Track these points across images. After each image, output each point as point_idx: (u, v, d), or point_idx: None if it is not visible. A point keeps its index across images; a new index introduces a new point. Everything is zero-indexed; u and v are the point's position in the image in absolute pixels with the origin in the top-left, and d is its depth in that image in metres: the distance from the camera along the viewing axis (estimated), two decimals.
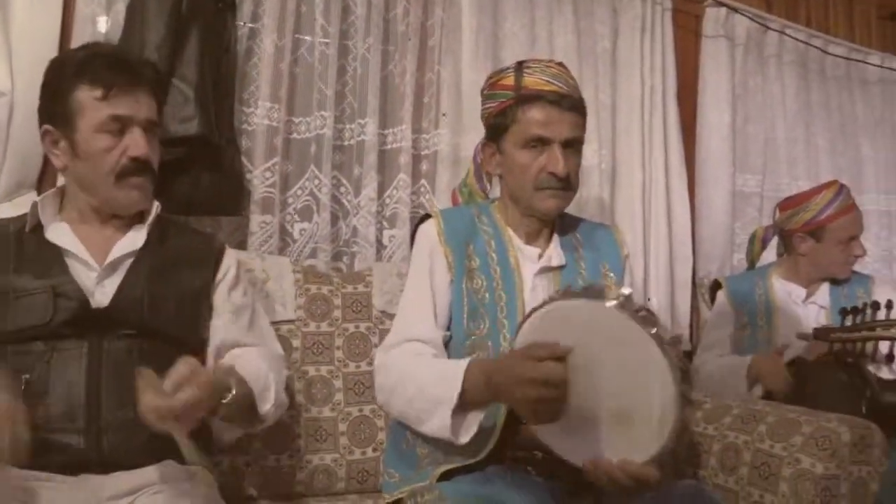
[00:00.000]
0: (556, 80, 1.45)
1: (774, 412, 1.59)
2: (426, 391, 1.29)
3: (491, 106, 1.50)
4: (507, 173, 1.50)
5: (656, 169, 2.41)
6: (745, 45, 2.66)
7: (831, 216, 2.12)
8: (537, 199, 1.46)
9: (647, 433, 1.08)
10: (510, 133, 1.46)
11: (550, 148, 1.43)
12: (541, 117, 1.43)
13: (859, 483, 1.43)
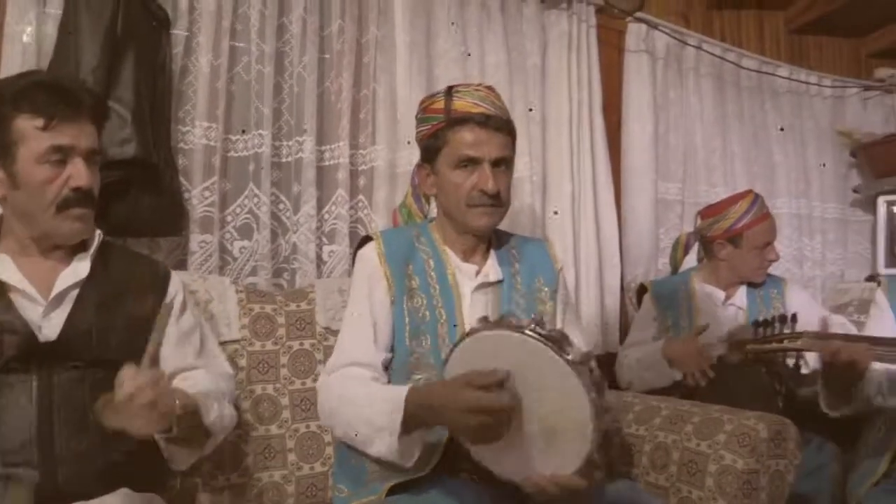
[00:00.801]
0: (484, 103, 1.52)
1: (700, 412, 1.69)
2: (368, 418, 1.33)
3: (424, 129, 1.56)
4: (442, 193, 1.56)
5: (584, 179, 2.50)
6: (665, 59, 2.77)
7: (748, 224, 2.26)
8: (470, 216, 1.52)
9: (572, 446, 1.18)
10: (442, 154, 1.52)
11: (480, 167, 1.50)
12: (470, 138, 1.49)
13: (777, 476, 1.54)
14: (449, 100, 1.52)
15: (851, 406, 1.77)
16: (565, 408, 1.16)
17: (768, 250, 2.28)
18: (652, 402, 1.83)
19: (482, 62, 2.35)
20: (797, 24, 3.20)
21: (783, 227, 3.01)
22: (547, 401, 1.19)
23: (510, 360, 1.20)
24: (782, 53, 3.18)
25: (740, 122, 2.97)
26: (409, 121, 2.18)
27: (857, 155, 3.22)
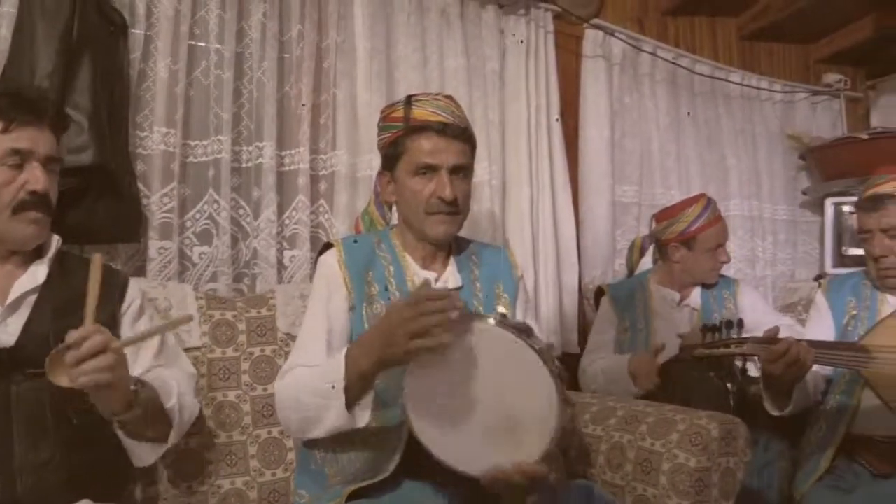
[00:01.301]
0: (443, 112, 1.54)
1: (654, 412, 1.74)
2: (314, 389, 1.33)
3: (384, 137, 1.59)
4: (401, 200, 1.58)
5: (543, 183, 2.54)
6: (622, 64, 2.82)
7: (700, 227, 2.32)
8: (428, 223, 1.54)
9: (535, 435, 1.20)
10: (402, 162, 1.55)
11: (438, 174, 1.52)
12: (428, 146, 1.52)
13: (727, 473, 1.60)
14: (408, 108, 1.55)
15: (792, 406, 1.84)
16: (531, 396, 1.19)
17: (720, 252, 2.34)
18: (608, 403, 1.87)
19: (442, 66, 2.37)
20: (748, 31, 3.28)
21: (736, 229, 3.10)
22: (513, 390, 1.21)
23: (477, 350, 1.22)
24: (734, 59, 3.25)
25: (694, 127, 3.03)
26: (369, 125, 2.19)
27: (807, 158, 3.31)
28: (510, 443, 1.22)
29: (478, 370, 1.23)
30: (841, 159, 3.08)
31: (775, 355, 1.71)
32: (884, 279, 1.95)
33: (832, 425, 1.91)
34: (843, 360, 1.80)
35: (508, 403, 1.22)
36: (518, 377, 1.21)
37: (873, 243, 1.94)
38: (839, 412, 1.91)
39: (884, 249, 1.91)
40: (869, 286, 2.03)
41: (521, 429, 1.22)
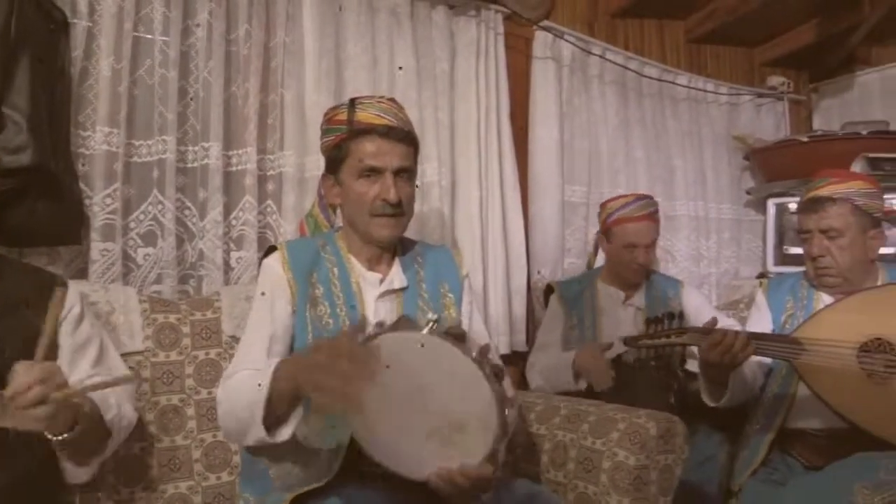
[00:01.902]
0: (386, 114, 1.55)
1: (596, 412, 1.78)
2: (243, 399, 1.33)
3: (328, 140, 1.59)
4: (346, 203, 1.58)
5: (492, 183, 2.56)
6: (571, 66, 2.85)
7: (616, 220, 2.39)
8: (373, 226, 1.55)
9: (477, 437, 1.23)
10: (346, 165, 1.55)
11: (383, 177, 1.53)
12: (372, 149, 1.53)
13: (666, 469, 1.64)
14: (352, 111, 1.55)
15: (728, 396, 1.89)
16: (469, 400, 1.21)
17: (638, 252, 2.36)
18: (553, 402, 1.91)
19: (391, 67, 2.37)
20: (696, 34, 3.34)
21: (682, 228, 3.17)
22: (451, 395, 1.23)
23: (410, 360, 1.24)
24: (682, 62, 3.32)
25: (642, 128, 3.09)
26: (317, 126, 2.15)
27: (751, 159, 3.40)
28: (453, 446, 1.24)
29: (415, 378, 1.24)
30: (782, 161, 3.16)
31: (712, 343, 1.76)
32: (821, 277, 2.01)
33: (768, 419, 1.97)
34: (776, 351, 1.85)
35: (448, 408, 1.24)
36: (454, 382, 1.23)
37: (812, 243, 1.99)
38: (775, 406, 1.97)
39: (822, 250, 1.97)
40: (806, 286, 2.10)
41: (463, 432, 1.24)
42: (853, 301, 1.89)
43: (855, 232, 1.95)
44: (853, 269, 1.96)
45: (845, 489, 1.58)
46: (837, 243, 1.95)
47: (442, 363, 1.22)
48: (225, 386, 1.44)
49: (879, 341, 1.79)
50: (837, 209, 1.95)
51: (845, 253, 1.95)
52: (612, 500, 1.61)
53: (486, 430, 1.22)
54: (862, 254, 1.96)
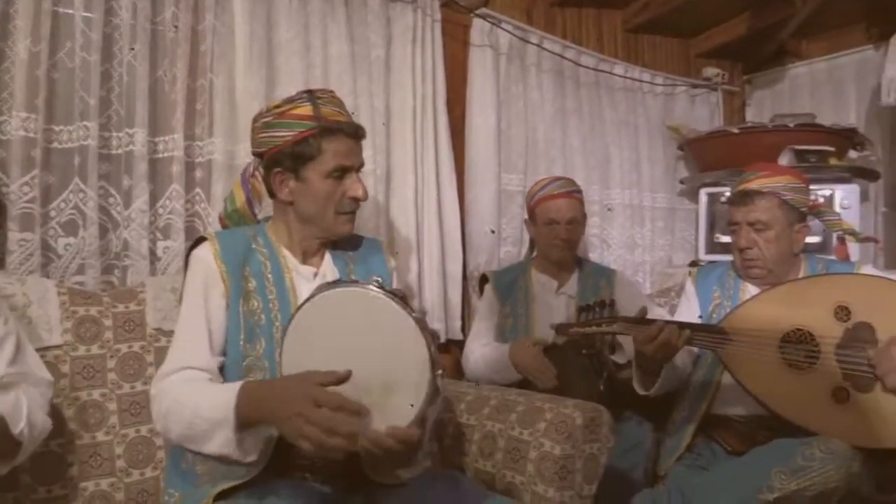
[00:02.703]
0: (344, 111, 1.56)
1: (525, 401, 1.81)
2: (205, 415, 1.32)
3: (286, 135, 1.52)
4: (305, 200, 1.54)
5: (428, 171, 2.55)
6: (508, 54, 2.85)
7: (538, 200, 2.43)
8: (338, 222, 1.56)
9: (408, 398, 1.22)
10: (314, 162, 1.51)
11: (350, 175, 1.54)
12: (344, 148, 1.52)
13: (591, 458, 1.68)
14: (316, 106, 1.52)
15: (659, 385, 1.93)
16: (405, 359, 1.21)
17: (559, 229, 2.39)
18: (483, 392, 1.93)
19: (325, 52, 2.34)
20: (633, 24, 3.37)
21: (617, 216, 3.22)
22: (388, 352, 1.23)
23: (353, 315, 1.24)
24: (619, 51, 3.34)
25: (579, 117, 3.11)
26: (248, 112, 2.14)
27: (684, 149, 3.46)
28: (387, 408, 1.23)
29: (355, 335, 1.24)
30: (714, 151, 3.23)
31: (649, 337, 1.80)
32: (747, 269, 2.06)
33: (693, 406, 2.02)
34: (703, 341, 1.90)
35: (383, 367, 1.23)
36: (394, 339, 1.23)
37: (740, 235, 2.04)
38: (700, 393, 2.02)
39: (749, 242, 2.02)
40: (733, 276, 2.15)
41: (395, 391, 1.23)
42: (777, 293, 1.94)
43: (782, 225, 2.00)
44: (778, 262, 2.02)
45: (763, 474, 1.64)
46: (764, 236, 2.00)
47: (384, 321, 1.23)
48: (168, 385, 1.41)
49: (800, 332, 1.85)
50: (765, 203, 2.00)
51: (772, 246, 2.00)
52: (539, 490, 1.64)
53: (417, 389, 1.22)
54: (787, 247, 2.02)
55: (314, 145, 1.51)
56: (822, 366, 1.80)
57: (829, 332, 1.83)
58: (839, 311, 1.85)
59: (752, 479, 1.65)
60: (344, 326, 1.25)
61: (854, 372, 1.78)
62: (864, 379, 1.76)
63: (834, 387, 1.78)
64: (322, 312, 1.27)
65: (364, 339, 1.24)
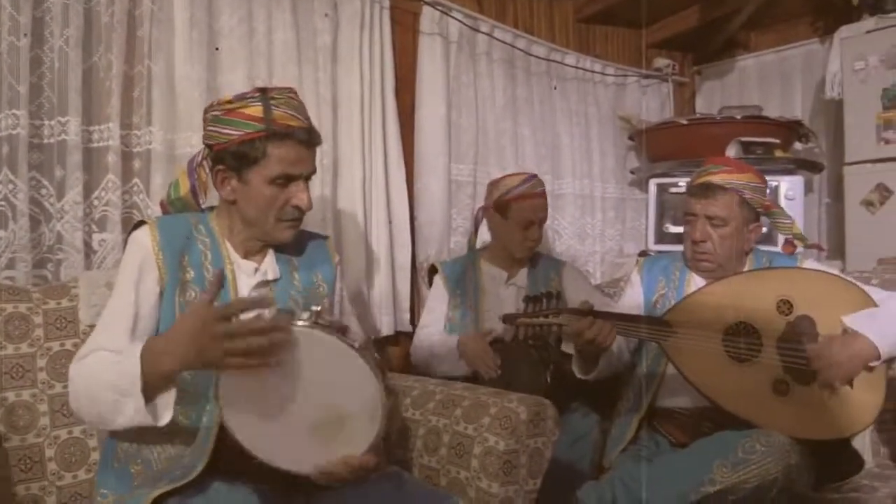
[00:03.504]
0: (301, 115, 1.49)
1: (470, 396, 1.79)
2: (108, 383, 1.27)
3: (232, 134, 1.46)
4: (246, 202, 1.50)
5: (376, 161, 2.52)
6: (459, 42, 2.82)
7: (515, 197, 2.38)
8: (279, 229, 1.51)
9: (361, 427, 1.22)
10: (259, 167, 1.45)
11: (296, 183, 1.49)
12: (292, 156, 1.46)
13: (536, 453, 1.67)
14: (268, 108, 1.45)
15: (597, 372, 1.96)
16: (354, 392, 1.20)
17: (533, 230, 2.39)
18: (429, 387, 1.91)
19: (269, 39, 2.28)
20: (584, 14, 3.37)
21: (567, 206, 3.23)
22: (335, 387, 1.21)
23: (295, 351, 1.20)
24: (570, 42, 3.34)
25: (530, 107, 3.10)
26: (189, 100, 2.10)
27: (634, 139, 3.49)
28: (337, 439, 1.23)
29: (297, 369, 1.22)
30: (664, 142, 3.26)
31: (578, 331, 1.81)
32: (697, 261, 2.06)
33: (638, 398, 2.04)
34: (647, 334, 1.91)
35: (332, 400, 1.22)
36: (340, 375, 1.21)
37: (696, 227, 2.03)
38: (645, 386, 2.04)
39: (704, 235, 2.02)
40: (679, 267, 2.15)
41: (348, 424, 1.22)
42: (721, 286, 1.96)
43: (738, 223, 2.00)
44: (729, 258, 2.03)
45: (705, 467, 1.66)
46: (720, 232, 2.00)
47: (326, 356, 1.20)
48: (80, 366, 1.36)
49: (743, 325, 1.87)
50: (726, 199, 1.99)
51: (725, 242, 2.00)
52: (483, 485, 1.63)
53: (371, 421, 1.21)
54: (740, 245, 2.03)
55: (259, 149, 1.44)
56: (763, 358, 1.82)
57: (772, 326, 1.85)
58: (781, 304, 1.88)
59: (695, 472, 1.68)
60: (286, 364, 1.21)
61: (795, 365, 1.81)
62: (804, 372, 1.79)
63: (775, 379, 1.80)
64: None
65: (308, 372, 1.22)
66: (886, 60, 2.80)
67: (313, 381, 1.22)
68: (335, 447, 1.23)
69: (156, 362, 1.24)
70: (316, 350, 1.21)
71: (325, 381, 1.22)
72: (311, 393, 1.22)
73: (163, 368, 1.24)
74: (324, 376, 1.22)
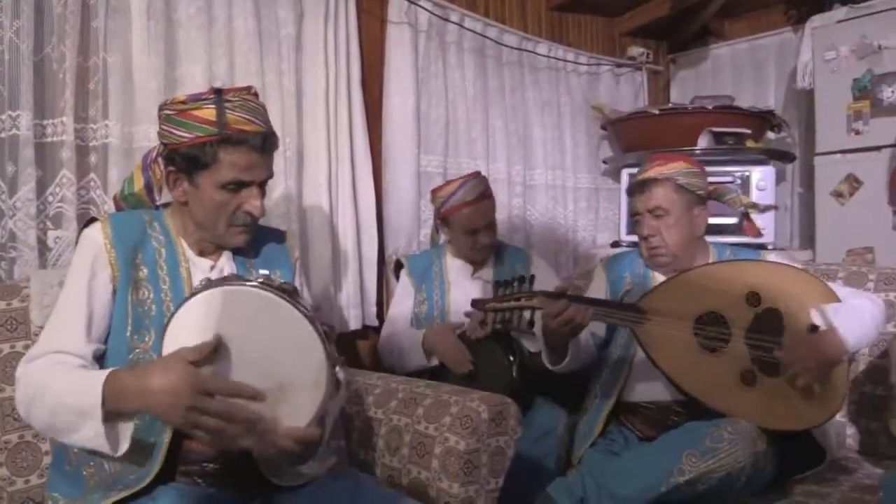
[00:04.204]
0: (258, 119, 1.44)
1: (432, 394, 1.77)
2: (67, 402, 1.25)
3: (183, 136, 1.41)
4: (197, 205, 1.46)
5: (342, 153, 2.47)
6: (428, 31, 2.77)
7: (452, 208, 2.36)
8: (229, 234, 1.48)
9: (306, 398, 1.18)
10: (209, 172, 1.41)
11: (249, 189, 1.44)
12: (245, 162, 1.41)
13: (497, 452, 1.66)
14: (221, 112, 1.40)
15: (567, 361, 1.95)
16: (299, 358, 1.17)
17: (480, 235, 2.36)
18: (391, 384, 1.89)
19: (230, 28, 2.22)
20: (557, 3, 3.33)
21: (539, 197, 3.20)
22: (281, 353, 1.18)
23: (241, 315, 1.18)
24: (543, 30, 3.30)
25: (501, 97, 3.06)
26: (147, 93, 2.05)
27: (607, 129, 3.46)
28: (282, 407, 1.19)
29: (245, 334, 1.19)
30: (636, 132, 3.24)
31: (554, 313, 1.80)
32: (653, 258, 2.08)
33: (606, 392, 2.04)
34: (620, 319, 1.92)
35: (278, 366, 1.19)
36: (287, 339, 1.18)
37: (642, 224, 2.06)
38: (612, 380, 2.04)
39: (651, 229, 2.03)
40: (641, 264, 2.16)
41: (293, 391, 1.19)
42: (690, 276, 1.97)
43: (680, 209, 2.02)
44: (682, 247, 2.04)
45: (675, 457, 1.67)
46: (664, 222, 2.02)
47: (274, 319, 1.17)
48: (31, 368, 1.33)
49: (714, 314, 1.88)
50: (661, 189, 2.02)
51: (672, 230, 2.02)
52: (443, 485, 1.61)
53: (316, 388, 1.18)
54: (689, 231, 2.04)
55: (210, 154, 1.40)
56: (732, 349, 1.85)
57: (741, 316, 1.87)
58: (750, 296, 1.90)
59: (664, 462, 1.69)
60: (231, 326, 1.19)
61: (762, 356, 1.83)
62: (771, 363, 1.82)
63: (743, 369, 1.82)
64: (207, 311, 1.20)
65: (255, 339, 1.19)
66: (857, 51, 2.79)
67: (261, 344, 1.19)
68: (279, 416, 1.19)
69: (121, 399, 1.22)
70: (263, 312, 1.18)
71: (273, 345, 1.19)
72: (258, 356, 1.19)
73: (126, 407, 1.22)
74: (272, 339, 1.19)
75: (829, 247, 2.88)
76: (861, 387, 2.10)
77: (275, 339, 1.18)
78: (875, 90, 2.75)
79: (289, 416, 1.18)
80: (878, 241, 2.75)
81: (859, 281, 2.23)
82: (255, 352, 1.19)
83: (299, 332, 1.17)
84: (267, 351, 1.18)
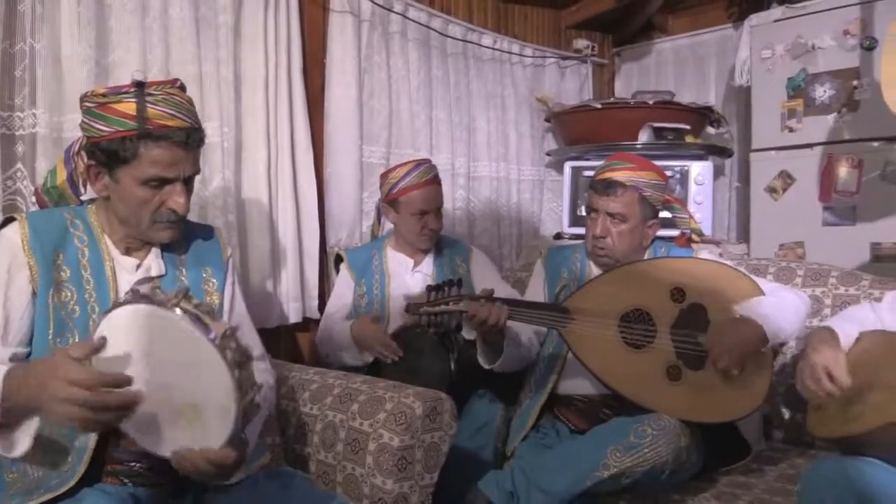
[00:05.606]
0: (182, 114, 1.39)
1: (368, 390, 1.78)
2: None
3: (103, 130, 1.36)
4: (119, 201, 1.42)
5: (282, 144, 2.44)
6: (371, 21, 2.74)
7: (402, 190, 2.35)
8: (154, 230, 1.44)
9: (217, 421, 1.17)
10: (129, 167, 1.37)
11: (172, 185, 1.41)
12: (167, 158, 1.37)
13: (432, 447, 1.67)
14: (142, 106, 1.35)
15: (502, 360, 1.98)
16: (208, 385, 1.15)
17: (426, 219, 2.36)
18: (328, 380, 1.89)
19: (165, 15, 2.16)
20: None
21: (483, 189, 3.21)
22: (190, 377, 1.17)
23: (150, 336, 1.16)
24: (489, 21, 3.29)
25: (445, 88, 3.05)
26: (76, 80, 1.99)
27: (552, 121, 3.49)
28: (199, 430, 1.19)
29: (157, 356, 1.17)
30: (579, 125, 3.27)
31: (470, 315, 1.83)
32: (597, 256, 2.10)
33: (539, 385, 2.07)
34: (546, 320, 1.94)
35: (190, 389, 1.17)
36: (193, 366, 1.16)
37: (597, 222, 2.06)
38: (546, 373, 2.07)
39: (604, 231, 2.05)
40: (580, 259, 2.19)
41: (204, 415, 1.18)
42: (617, 274, 2.00)
43: (637, 220, 2.05)
44: (627, 253, 2.07)
45: (600, 452, 1.70)
46: (619, 228, 2.04)
47: (183, 345, 1.15)
48: None
49: (639, 311, 1.91)
50: (627, 196, 2.03)
51: (624, 238, 2.05)
52: (377, 482, 1.62)
53: (224, 415, 1.16)
54: (638, 241, 2.08)
55: (130, 149, 1.35)
56: (657, 344, 1.88)
57: (665, 313, 1.91)
58: (675, 292, 1.94)
59: (590, 458, 1.71)
60: (151, 344, 1.17)
61: (686, 351, 1.87)
62: (695, 357, 1.86)
63: (668, 365, 1.86)
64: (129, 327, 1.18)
65: (170, 359, 1.17)
66: (791, 50, 2.86)
67: (175, 367, 1.18)
68: (196, 436, 1.19)
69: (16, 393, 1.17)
70: (175, 336, 1.16)
71: (182, 369, 1.17)
72: (174, 378, 1.18)
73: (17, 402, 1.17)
74: (182, 364, 1.17)
75: (763, 241, 2.96)
76: (788, 379, 2.16)
77: (186, 364, 1.17)
78: (808, 89, 2.82)
79: (203, 438, 1.18)
80: (809, 236, 2.83)
81: (788, 276, 2.29)
82: (169, 372, 1.18)
83: (206, 360, 1.14)
84: (180, 373, 1.17)
